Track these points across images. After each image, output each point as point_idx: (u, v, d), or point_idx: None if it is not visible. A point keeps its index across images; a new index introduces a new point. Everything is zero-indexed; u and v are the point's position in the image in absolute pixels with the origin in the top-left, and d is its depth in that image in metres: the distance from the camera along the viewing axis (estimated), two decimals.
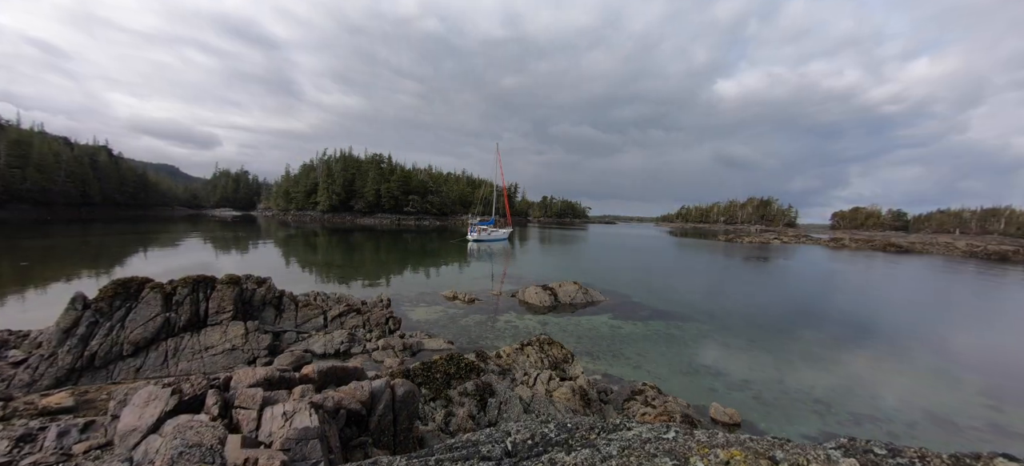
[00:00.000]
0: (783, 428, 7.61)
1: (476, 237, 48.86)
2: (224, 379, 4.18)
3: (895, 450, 2.02)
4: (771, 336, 13.31)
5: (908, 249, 58.51)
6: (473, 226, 51.10)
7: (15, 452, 4.02)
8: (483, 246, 44.39)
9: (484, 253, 36.67)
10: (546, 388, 7.33)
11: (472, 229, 50.78)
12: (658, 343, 12.11)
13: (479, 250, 39.55)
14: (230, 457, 2.85)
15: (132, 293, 9.09)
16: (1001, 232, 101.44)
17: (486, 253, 36.41)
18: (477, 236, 49.16)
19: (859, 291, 23.44)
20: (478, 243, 46.66)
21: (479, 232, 50.25)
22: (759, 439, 2.06)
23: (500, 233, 53.48)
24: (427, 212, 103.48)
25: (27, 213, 65.32)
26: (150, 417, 3.61)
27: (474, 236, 48.96)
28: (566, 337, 12.21)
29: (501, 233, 53.62)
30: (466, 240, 48.39)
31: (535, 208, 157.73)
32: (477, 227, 51.06)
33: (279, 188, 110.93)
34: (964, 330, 15.32)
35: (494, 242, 49.54)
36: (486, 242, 48.67)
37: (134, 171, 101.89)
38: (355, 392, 4.26)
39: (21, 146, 66.97)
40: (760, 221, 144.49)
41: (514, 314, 14.73)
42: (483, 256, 33.59)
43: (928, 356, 11.90)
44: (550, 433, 2.58)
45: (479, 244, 46.06)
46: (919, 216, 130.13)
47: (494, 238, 51.67)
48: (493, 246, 45.48)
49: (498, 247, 43.88)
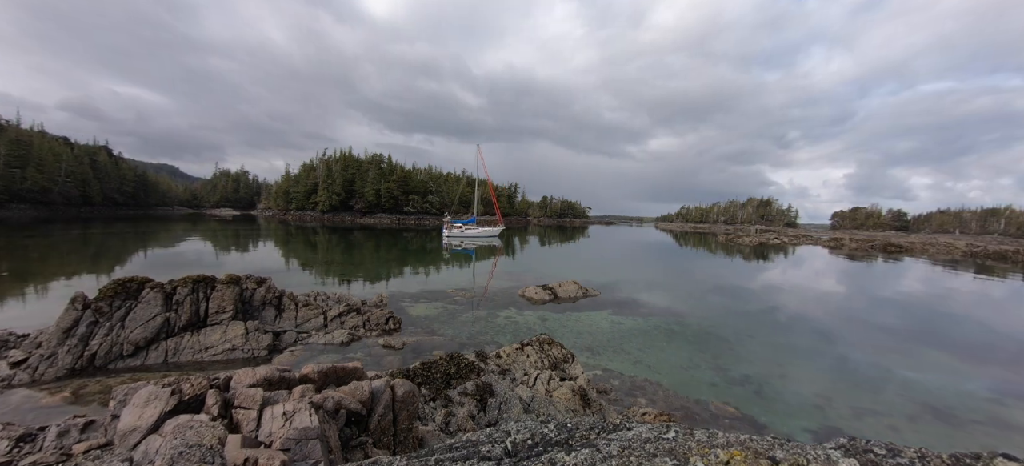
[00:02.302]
0: (784, 422, 7.62)
1: (449, 235, 48.22)
2: (224, 379, 4.18)
3: (895, 450, 2.02)
4: (771, 332, 13.32)
5: (908, 249, 58.53)
6: (447, 224, 50.70)
7: (15, 452, 4.03)
8: (462, 242, 44.13)
9: (472, 251, 36.66)
10: (546, 388, 7.34)
11: (445, 228, 50.32)
12: (658, 339, 12.12)
13: (452, 246, 39.45)
14: (230, 457, 2.85)
15: (132, 293, 9.09)
16: (1001, 232, 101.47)
17: (480, 252, 36.43)
18: (449, 233, 48.60)
19: (859, 289, 23.45)
20: (450, 239, 46.29)
21: (451, 229, 49.78)
22: (759, 439, 2.06)
23: (481, 231, 52.93)
24: (427, 212, 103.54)
25: (27, 213, 65.33)
26: (150, 417, 3.61)
27: (446, 233, 48.45)
28: (566, 333, 12.22)
29: (481, 231, 53.02)
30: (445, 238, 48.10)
31: (535, 208, 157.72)
32: (452, 225, 50.67)
33: (279, 188, 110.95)
34: (965, 328, 15.33)
35: (476, 240, 48.81)
36: (465, 239, 48.16)
37: (134, 171, 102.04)
38: (355, 392, 4.26)
39: (21, 146, 66.96)
40: (760, 221, 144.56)
41: (514, 310, 14.76)
42: (479, 256, 33.56)
43: (929, 352, 11.91)
44: (550, 433, 2.58)
45: (452, 240, 45.66)
46: (919, 216, 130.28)
47: (473, 236, 51.00)
48: (476, 243, 45.13)
49: (484, 245, 43.57)
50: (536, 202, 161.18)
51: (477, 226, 54.01)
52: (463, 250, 37.29)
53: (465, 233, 50.91)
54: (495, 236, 53.67)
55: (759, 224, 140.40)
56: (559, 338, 10.16)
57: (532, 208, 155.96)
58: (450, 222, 51.63)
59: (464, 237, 49.37)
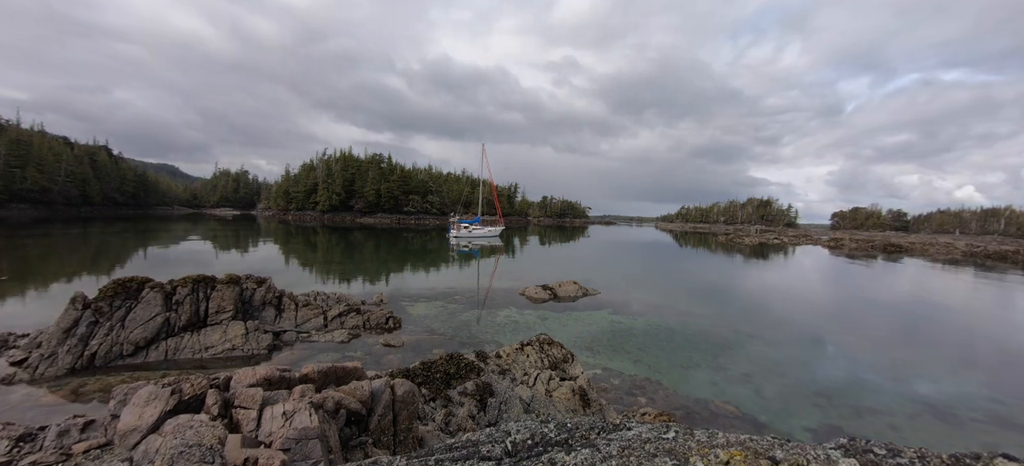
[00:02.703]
0: (784, 421, 7.63)
1: (456, 235, 49.17)
2: (224, 379, 4.18)
3: (895, 450, 2.02)
4: (771, 330, 13.32)
5: (908, 249, 58.54)
6: (453, 224, 51.66)
7: (15, 452, 4.03)
8: (470, 243, 44.57)
9: (476, 251, 36.74)
10: (546, 388, 7.34)
11: (450, 228, 51.28)
12: (658, 338, 12.13)
13: (458, 246, 39.76)
14: (230, 457, 2.85)
15: (132, 293, 9.10)
16: (1001, 232, 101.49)
17: (482, 252, 36.45)
18: (456, 233, 49.56)
19: (859, 288, 23.46)
20: (458, 240, 46.94)
21: (458, 229, 50.65)
22: (759, 439, 2.06)
23: (485, 231, 53.74)
24: (427, 212, 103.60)
25: (27, 213, 65.35)
26: (150, 417, 3.61)
27: (453, 233, 49.40)
28: (566, 332, 12.23)
29: (485, 231, 53.82)
30: (448, 238, 48.96)
31: (535, 208, 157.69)
32: (458, 225, 51.61)
33: (279, 188, 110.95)
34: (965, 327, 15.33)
35: (480, 240, 49.56)
36: (471, 239, 48.87)
37: (134, 171, 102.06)
38: (355, 392, 4.26)
39: (21, 146, 66.98)
40: (760, 221, 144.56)
41: (514, 309, 14.77)
42: (482, 255, 33.57)
43: (930, 350, 11.92)
44: (550, 433, 2.58)
45: (459, 240, 46.33)
46: (919, 216, 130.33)
47: (478, 236, 51.84)
48: (479, 243, 45.58)
49: (487, 245, 43.93)
50: (536, 202, 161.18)
51: (482, 226, 54.80)
52: (469, 250, 37.68)
53: (472, 234, 51.70)
54: (496, 236, 54.48)
55: (759, 224, 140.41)
56: (559, 337, 10.17)
57: (532, 208, 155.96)
58: (457, 222, 52.48)
59: (471, 237, 50.09)
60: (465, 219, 56.89)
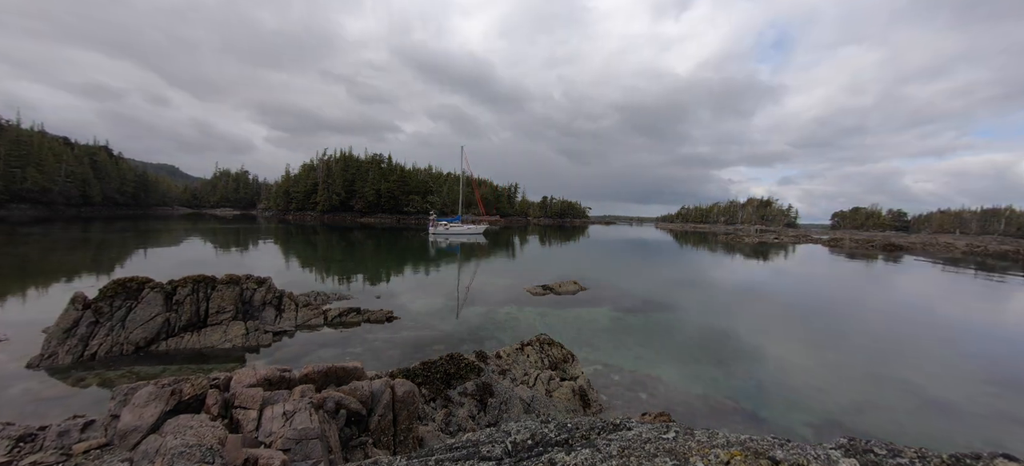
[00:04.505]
0: (785, 417, 7.63)
1: (434, 232, 50.44)
2: (224, 379, 4.18)
3: (895, 450, 2.02)
4: (771, 328, 13.32)
5: (908, 248, 58.54)
6: (432, 222, 53.02)
7: (15, 452, 4.03)
8: (449, 240, 44.99)
9: (457, 248, 36.98)
10: (546, 388, 7.34)
11: (430, 225, 52.69)
12: (658, 335, 12.14)
13: (437, 243, 40.17)
14: (230, 457, 2.85)
15: (132, 293, 9.10)
16: (1001, 232, 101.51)
17: (462, 249, 36.74)
18: (434, 231, 50.89)
19: (858, 286, 23.45)
20: (437, 237, 47.69)
21: (436, 227, 51.95)
22: (759, 438, 2.06)
23: (466, 229, 54.53)
24: (427, 212, 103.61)
25: (27, 212, 65.38)
26: (150, 417, 3.61)
27: (433, 231, 50.73)
28: (566, 329, 12.23)
29: (466, 229, 54.57)
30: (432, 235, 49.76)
31: (535, 208, 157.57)
32: (436, 223, 52.90)
33: (279, 188, 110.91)
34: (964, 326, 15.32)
35: (460, 237, 49.96)
36: (449, 237, 49.40)
37: (134, 171, 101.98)
38: (355, 392, 4.26)
39: (21, 146, 66.97)
40: (760, 221, 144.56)
41: (514, 307, 14.77)
42: (481, 255, 33.56)
43: (929, 348, 11.91)
44: (550, 433, 2.58)
45: (438, 238, 47.01)
46: (919, 216, 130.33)
47: (457, 233, 52.53)
48: (460, 240, 45.87)
49: (469, 242, 44.20)
50: (536, 202, 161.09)
51: (462, 224, 55.54)
52: (448, 248, 37.95)
53: (449, 231, 52.56)
54: (479, 233, 54.98)
55: (759, 224, 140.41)
56: (559, 335, 10.18)
57: (532, 208, 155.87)
58: (435, 220, 54.18)
59: (449, 235, 50.84)
60: (446, 218, 58.00)
